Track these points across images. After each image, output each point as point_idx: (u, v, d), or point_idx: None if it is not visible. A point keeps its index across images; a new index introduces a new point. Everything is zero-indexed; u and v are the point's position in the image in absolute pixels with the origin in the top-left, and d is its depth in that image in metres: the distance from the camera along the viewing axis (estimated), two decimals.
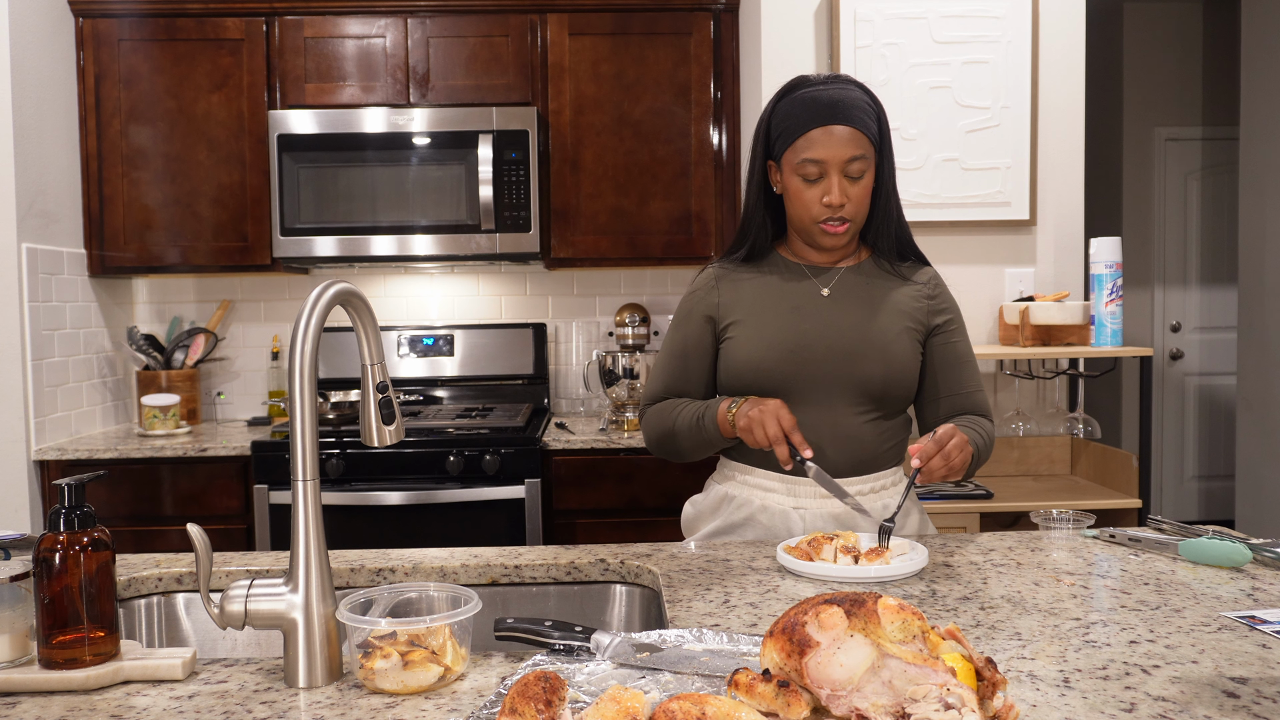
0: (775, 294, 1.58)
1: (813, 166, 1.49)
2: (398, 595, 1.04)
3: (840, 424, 1.53)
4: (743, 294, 1.59)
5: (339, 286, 1.02)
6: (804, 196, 1.51)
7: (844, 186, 1.49)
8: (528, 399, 3.25)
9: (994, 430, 1.55)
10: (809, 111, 1.49)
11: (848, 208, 1.51)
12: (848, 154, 1.48)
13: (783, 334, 1.53)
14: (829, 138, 1.48)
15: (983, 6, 2.72)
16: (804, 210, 1.52)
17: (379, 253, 2.89)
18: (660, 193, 3.02)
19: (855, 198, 1.51)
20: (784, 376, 1.52)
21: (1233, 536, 1.38)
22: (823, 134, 1.48)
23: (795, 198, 1.53)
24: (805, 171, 1.50)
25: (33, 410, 2.66)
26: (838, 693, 0.76)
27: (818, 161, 1.48)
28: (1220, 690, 0.89)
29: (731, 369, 1.56)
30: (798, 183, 1.52)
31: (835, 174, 1.49)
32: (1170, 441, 5.24)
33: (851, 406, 1.53)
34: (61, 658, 0.94)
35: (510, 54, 2.99)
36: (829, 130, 1.48)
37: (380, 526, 2.65)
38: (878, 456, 1.56)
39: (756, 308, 1.57)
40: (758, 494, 1.56)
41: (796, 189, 1.52)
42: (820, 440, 1.52)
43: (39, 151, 2.74)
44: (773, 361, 1.52)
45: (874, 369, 1.52)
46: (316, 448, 0.99)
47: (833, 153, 1.48)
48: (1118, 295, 2.52)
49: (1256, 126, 3.88)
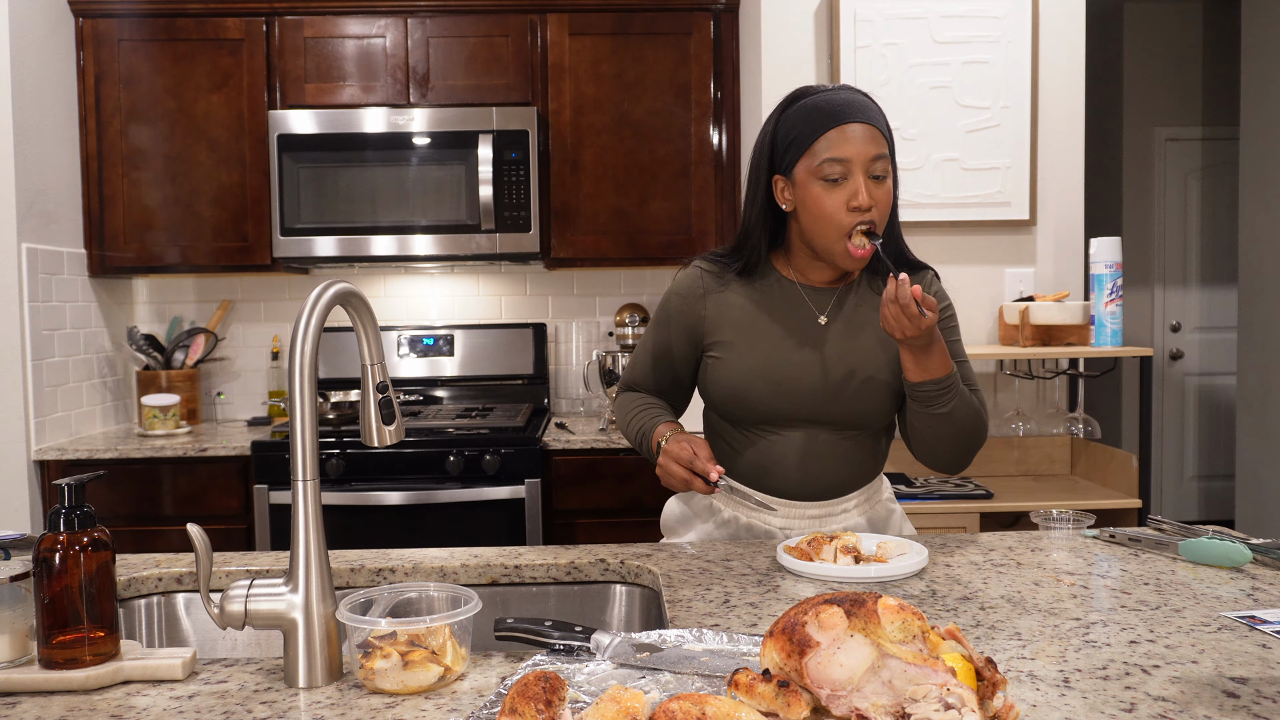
0: (768, 317, 1.50)
1: (836, 166, 1.38)
2: (398, 595, 1.04)
3: (821, 450, 1.50)
4: (732, 312, 1.51)
5: (339, 286, 1.02)
6: (825, 204, 1.39)
7: (870, 188, 1.39)
8: (528, 399, 3.25)
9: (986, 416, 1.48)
10: (823, 114, 1.40)
11: (875, 212, 1.39)
12: (871, 151, 1.38)
13: (771, 363, 1.48)
14: (851, 135, 1.38)
15: (983, 6, 2.72)
16: (828, 222, 1.40)
17: (379, 253, 2.89)
18: (660, 193, 3.02)
19: (881, 202, 1.40)
20: (767, 407, 1.48)
21: (1233, 536, 1.38)
22: (842, 133, 1.38)
23: (815, 207, 1.40)
24: (827, 173, 1.38)
25: (33, 410, 2.66)
26: (838, 693, 0.76)
27: (841, 160, 1.38)
28: (1220, 690, 0.89)
29: (714, 390, 1.52)
30: (818, 189, 1.40)
31: (860, 173, 1.38)
32: (1170, 441, 5.23)
33: (834, 434, 1.50)
34: (61, 658, 0.94)
35: (510, 54, 2.99)
36: (849, 128, 1.38)
37: (380, 526, 2.65)
38: (859, 475, 1.54)
39: (746, 330, 1.50)
40: (743, 513, 1.54)
41: (816, 197, 1.40)
42: (801, 467, 1.50)
43: (39, 151, 2.74)
44: (757, 392, 1.47)
45: (860, 405, 1.48)
46: (316, 448, 0.99)
47: (857, 150, 1.38)
48: (1118, 295, 2.52)
49: (1256, 126, 3.88)
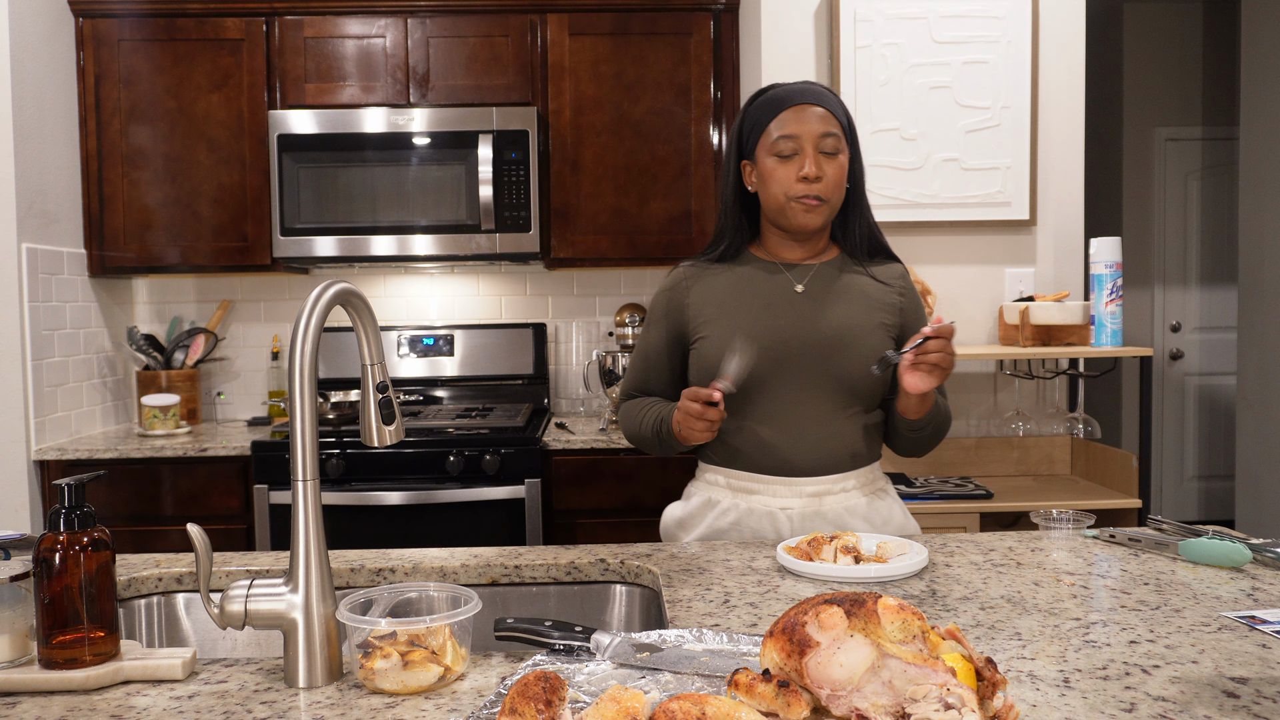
0: (748, 291, 1.58)
1: (787, 143, 1.51)
2: (398, 595, 1.04)
3: (817, 420, 1.53)
4: (714, 292, 1.59)
5: (339, 286, 1.02)
6: (778, 174, 1.52)
7: (819, 161, 1.51)
8: (528, 399, 3.25)
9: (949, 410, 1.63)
10: (779, 99, 1.54)
11: (823, 184, 1.51)
12: (821, 129, 1.51)
13: (756, 331, 1.53)
14: (802, 114, 1.51)
15: (983, 6, 2.72)
16: (778, 188, 1.53)
17: (379, 253, 2.89)
18: (660, 193, 3.02)
19: (830, 176, 1.52)
20: (758, 374, 1.52)
21: (1233, 536, 1.38)
22: (794, 113, 1.52)
23: (769, 178, 1.54)
24: (779, 149, 1.51)
25: (33, 410, 2.66)
26: (838, 693, 0.76)
27: (792, 137, 1.51)
28: (1220, 690, 0.89)
29: (706, 368, 1.55)
30: (772, 163, 1.53)
31: (810, 148, 1.50)
32: (1170, 441, 5.24)
33: (828, 402, 1.53)
34: (61, 658, 0.94)
35: (510, 54, 2.99)
36: (801, 109, 1.52)
37: (380, 526, 2.65)
38: (856, 453, 1.56)
39: (729, 306, 1.57)
40: (743, 498, 1.56)
41: (770, 169, 1.53)
42: (798, 437, 1.53)
43: (39, 151, 2.74)
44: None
45: (850, 363, 1.52)
46: (316, 448, 0.99)
47: (806, 128, 1.51)
48: (1118, 295, 2.52)
49: (1256, 126, 3.88)
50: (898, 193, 2.75)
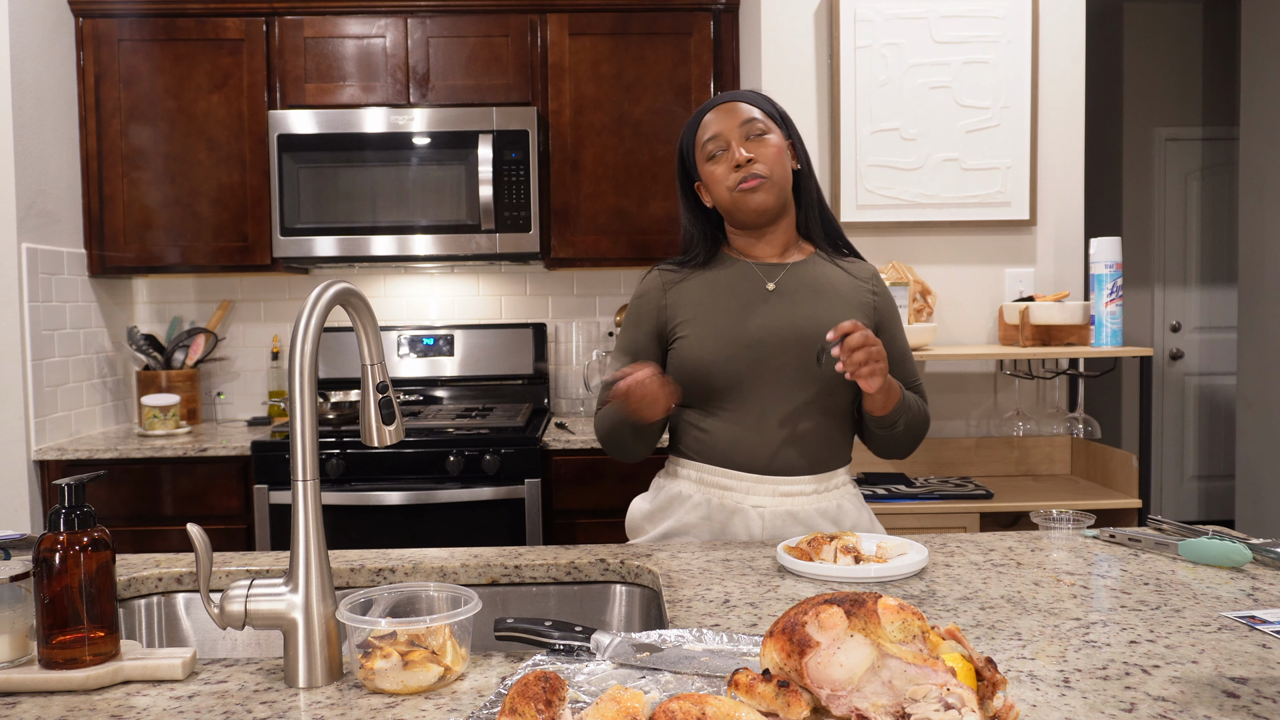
0: (722, 291, 1.59)
1: (714, 143, 1.56)
2: (398, 595, 1.04)
3: (793, 419, 1.53)
4: (690, 294, 1.60)
5: (339, 286, 1.02)
6: (716, 174, 1.57)
7: (750, 146, 1.54)
8: (528, 399, 3.25)
9: (927, 409, 1.63)
10: (701, 111, 1.62)
11: (758, 164, 1.53)
12: (741, 118, 1.55)
13: (732, 329, 1.54)
14: (720, 113, 1.57)
15: (983, 6, 2.72)
16: (719, 186, 1.56)
17: (379, 253, 2.89)
18: (660, 193, 3.02)
19: (764, 156, 1.54)
20: (735, 372, 1.53)
21: (1233, 536, 1.38)
22: (714, 115, 1.58)
23: (711, 181, 1.58)
24: (710, 151, 1.56)
25: (33, 410, 2.66)
26: (838, 693, 0.76)
27: (716, 136, 1.56)
28: (1220, 690, 0.89)
29: (683, 368, 1.56)
30: (709, 167, 1.57)
31: (735, 140, 1.55)
32: (1170, 441, 5.23)
33: (803, 400, 1.53)
34: (61, 658, 0.94)
35: (510, 54, 2.99)
36: (719, 110, 1.58)
37: (380, 526, 2.65)
38: (829, 454, 1.57)
39: (705, 306, 1.58)
40: (715, 493, 1.56)
41: (709, 173, 1.58)
42: (774, 436, 1.53)
43: (39, 151, 2.74)
44: (724, 358, 1.53)
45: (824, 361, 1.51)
46: (316, 448, 0.99)
47: (727, 123, 1.56)
48: (1118, 295, 2.52)
49: (1256, 126, 3.88)
50: (898, 193, 2.75)
